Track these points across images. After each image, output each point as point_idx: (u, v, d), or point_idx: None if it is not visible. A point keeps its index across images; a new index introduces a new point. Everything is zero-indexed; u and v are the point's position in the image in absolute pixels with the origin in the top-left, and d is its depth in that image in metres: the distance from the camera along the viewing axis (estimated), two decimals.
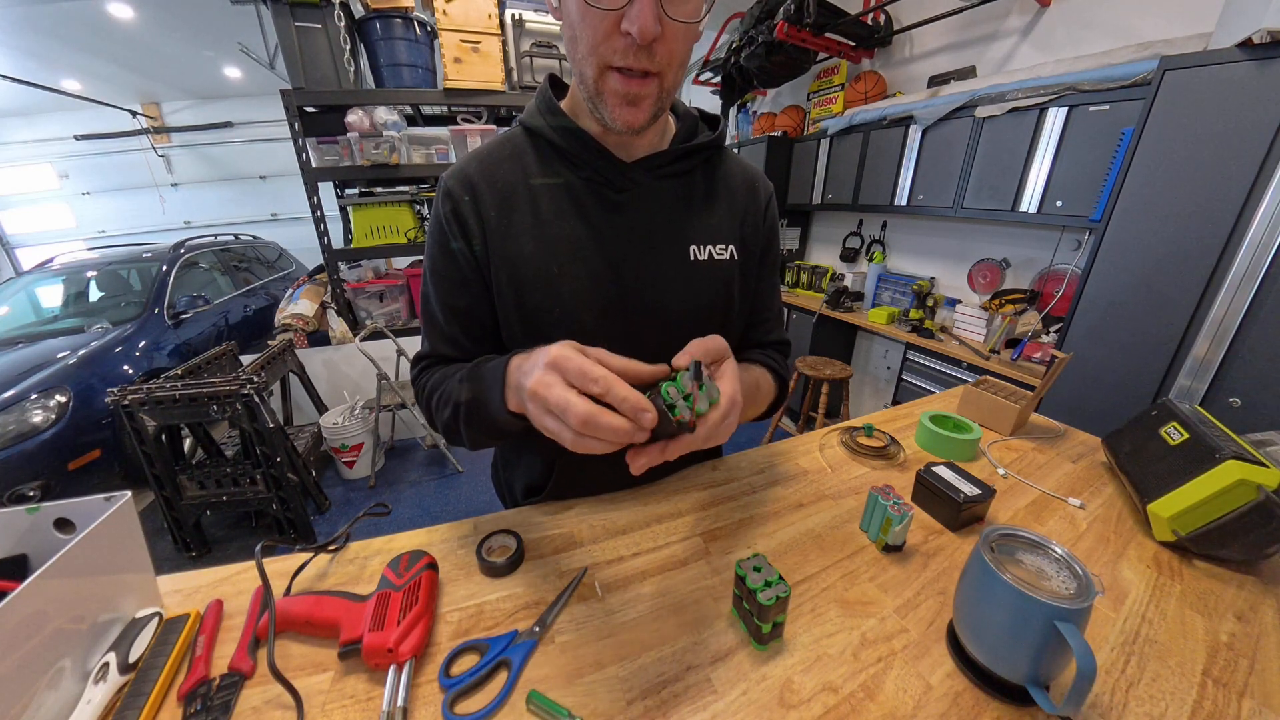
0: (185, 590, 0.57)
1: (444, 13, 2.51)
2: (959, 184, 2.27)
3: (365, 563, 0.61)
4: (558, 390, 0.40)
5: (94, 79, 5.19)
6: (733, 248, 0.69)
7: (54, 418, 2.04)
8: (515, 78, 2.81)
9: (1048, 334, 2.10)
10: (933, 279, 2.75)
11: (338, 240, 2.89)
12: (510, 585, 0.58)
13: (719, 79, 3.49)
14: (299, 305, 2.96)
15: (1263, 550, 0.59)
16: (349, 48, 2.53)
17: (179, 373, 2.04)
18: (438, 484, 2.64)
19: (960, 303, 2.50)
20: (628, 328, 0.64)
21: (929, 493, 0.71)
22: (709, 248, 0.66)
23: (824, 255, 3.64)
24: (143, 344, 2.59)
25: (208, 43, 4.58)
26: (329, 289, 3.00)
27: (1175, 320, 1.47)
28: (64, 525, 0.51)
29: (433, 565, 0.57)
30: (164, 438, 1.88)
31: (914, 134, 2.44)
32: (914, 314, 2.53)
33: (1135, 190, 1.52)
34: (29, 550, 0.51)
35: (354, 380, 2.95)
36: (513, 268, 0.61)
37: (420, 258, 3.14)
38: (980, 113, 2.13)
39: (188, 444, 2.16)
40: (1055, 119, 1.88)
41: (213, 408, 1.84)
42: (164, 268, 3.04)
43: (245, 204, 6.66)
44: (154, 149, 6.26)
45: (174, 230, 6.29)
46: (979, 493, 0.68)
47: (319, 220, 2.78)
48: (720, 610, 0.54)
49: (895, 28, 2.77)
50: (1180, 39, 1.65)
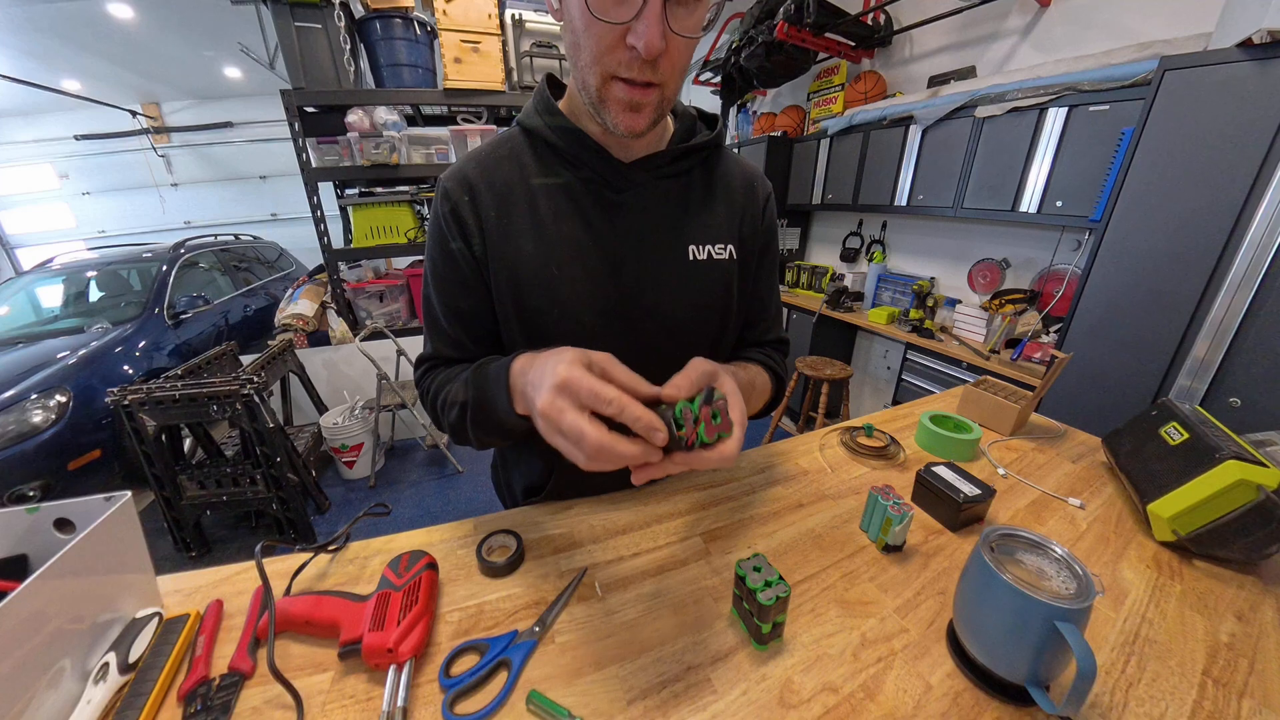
0: (185, 590, 0.57)
1: (444, 13, 2.51)
2: (959, 184, 2.27)
3: (365, 563, 0.61)
4: (570, 416, 0.39)
5: (94, 79, 5.19)
6: (731, 247, 0.69)
7: (54, 418, 2.04)
8: (515, 78, 2.81)
9: (1048, 334, 2.10)
10: (933, 279, 2.75)
11: (338, 240, 2.89)
12: (510, 585, 0.58)
13: (719, 79, 3.48)
14: (299, 305, 2.96)
15: (1263, 550, 0.59)
16: (349, 48, 2.53)
17: (179, 373, 2.04)
18: (438, 484, 2.64)
19: (960, 303, 2.50)
20: (627, 328, 0.64)
21: (929, 493, 0.71)
22: (708, 247, 0.66)
23: (824, 255, 3.64)
24: (143, 344, 2.59)
25: (208, 43, 4.59)
26: (329, 289, 3.00)
27: (1175, 320, 1.47)
28: (64, 525, 0.51)
29: (433, 565, 0.57)
30: (164, 438, 1.89)
31: (914, 134, 2.44)
32: (914, 314, 2.53)
33: (1135, 190, 1.52)
34: (29, 550, 0.51)
35: (354, 380, 2.95)
36: (512, 268, 0.61)
37: (420, 258, 3.14)
38: (980, 113, 2.13)
39: (188, 444, 2.16)
40: (1055, 119, 1.88)
41: (213, 408, 1.85)
42: (164, 268, 3.04)
43: (245, 204, 6.66)
44: (154, 149, 6.26)
45: (174, 230, 6.29)
46: (979, 493, 0.68)
47: (319, 220, 2.78)
48: (720, 610, 0.54)
49: (895, 28, 2.77)
50: (1180, 39, 1.65)
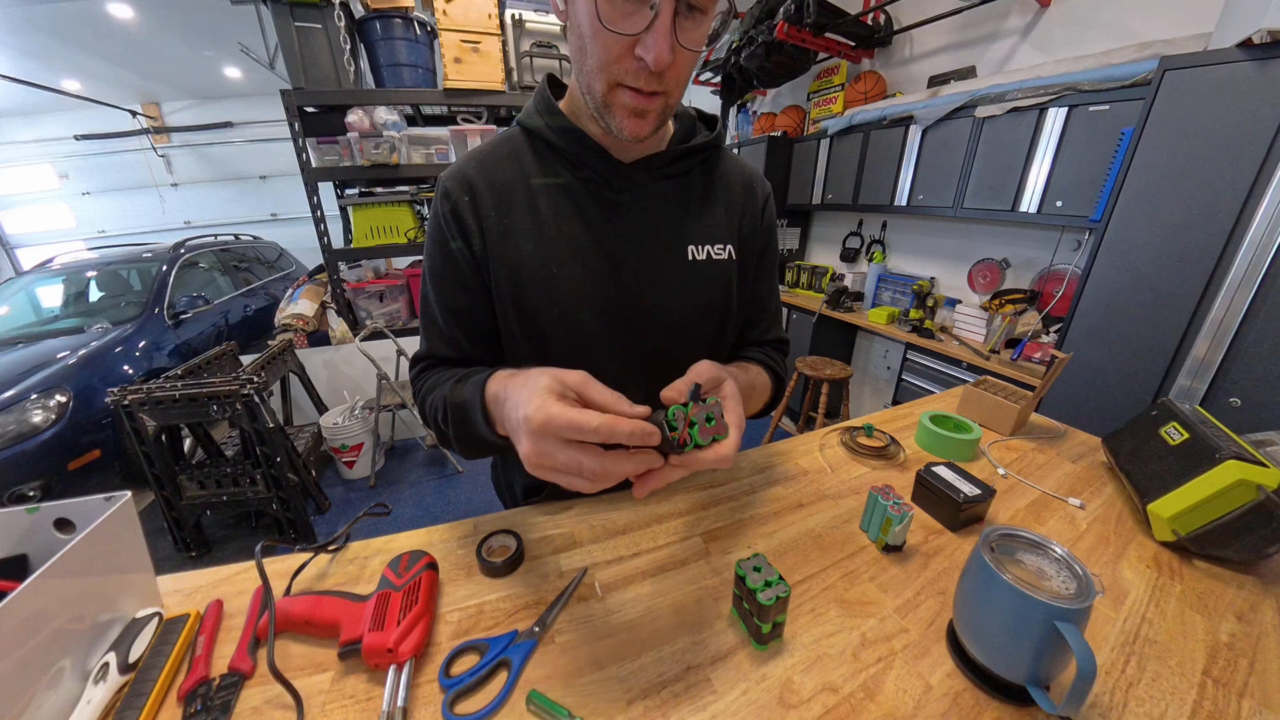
0: (185, 590, 0.57)
1: (444, 13, 2.51)
2: (959, 184, 2.27)
3: (365, 563, 0.61)
4: (561, 456, 0.38)
5: (94, 79, 5.18)
6: (731, 247, 0.69)
7: (54, 418, 2.04)
8: (515, 78, 2.81)
9: (1048, 334, 2.10)
10: (933, 279, 2.75)
11: (338, 240, 2.89)
12: (510, 585, 0.58)
13: (719, 79, 3.48)
14: (299, 305, 2.96)
15: (1263, 550, 0.59)
16: (349, 48, 2.53)
17: (179, 373, 2.04)
18: (438, 484, 2.64)
19: (960, 303, 2.50)
20: (626, 328, 0.64)
21: (929, 493, 0.71)
22: (707, 247, 0.66)
23: (824, 255, 3.64)
24: (143, 344, 2.59)
25: (208, 43, 4.58)
26: (329, 289, 3.00)
27: (1175, 320, 1.47)
28: (64, 525, 0.51)
29: (433, 565, 0.57)
30: (164, 438, 1.89)
31: (914, 134, 2.44)
32: (914, 314, 2.53)
33: (1135, 190, 1.52)
34: (29, 550, 0.51)
35: (354, 380, 2.95)
36: (511, 268, 0.61)
37: (420, 258, 3.13)
38: (980, 113, 2.12)
39: (188, 444, 2.16)
40: (1055, 119, 1.88)
41: (213, 408, 1.85)
42: (164, 268, 3.04)
43: (245, 204, 6.66)
44: (154, 149, 6.25)
45: (174, 230, 6.29)
46: (979, 493, 0.68)
47: (319, 220, 2.78)
48: (720, 610, 0.54)
49: (895, 28, 2.77)
50: (1180, 39, 1.65)
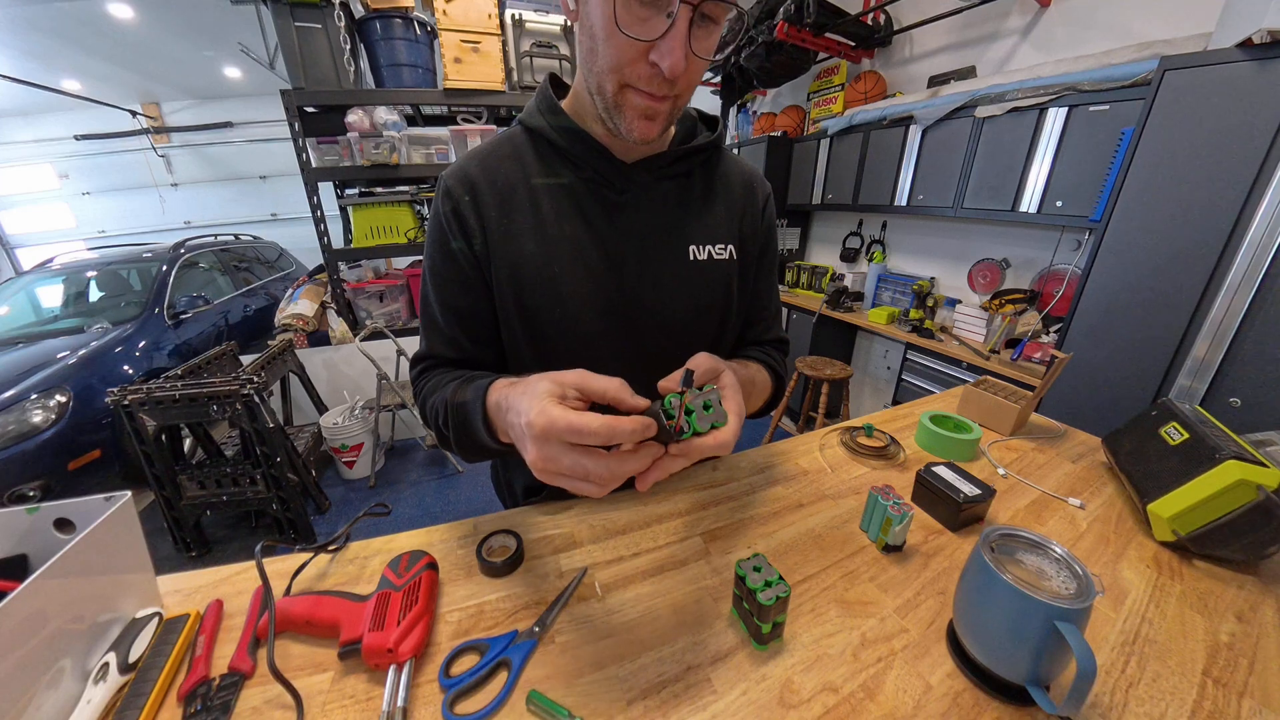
0: (185, 590, 0.57)
1: (444, 13, 2.51)
2: (959, 184, 2.27)
3: (365, 563, 0.61)
4: (567, 460, 0.38)
5: (94, 79, 5.18)
6: (731, 247, 0.69)
7: (54, 418, 2.03)
8: (515, 78, 2.81)
9: (1048, 334, 2.10)
10: (933, 279, 2.75)
11: (338, 240, 2.89)
12: (510, 585, 0.58)
13: (719, 79, 3.49)
14: (299, 305, 2.96)
15: (1263, 550, 0.59)
16: (349, 48, 2.53)
17: (179, 373, 2.04)
18: (438, 484, 2.64)
19: (960, 303, 2.50)
20: (628, 327, 0.64)
21: (929, 493, 0.71)
22: (708, 248, 0.66)
23: (824, 255, 3.64)
24: (143, 344, 2.59)
25: (208, 43, 4.58)
26: (329, 289, 3.00)
27: (1175, 320, 1.47)
28: (64, 525, 0.51)
29: (433, 565, 0.57)
30: (164, 438, 1.88)
31: (914, 134, 2.44)
32: (914, 314, 2.53)
33: (1135, 190, 1.52)
34: (29, 550, 0.51)
35: (354, 380, 2.95)
36: (513, 268, 0.61)
37: (420, 257, 3.13)
38: (980, 113, 2.12)
39: (188, 444, 2.17)
40: (1055, 119, 1.88)
41: (213, 408, 1.85)
42: (164, 268, 3.04)
43: (245, 204, 6.65)
44: (154, 149, 6.25)
45: (174, 230, 6.29)
46: (979, 493, 0.68)
47: (319, 220, 2.78)
48: (720, 610, 0.54)
49: (895, 28, 2.77)
50: (1180, 39, 1.65)
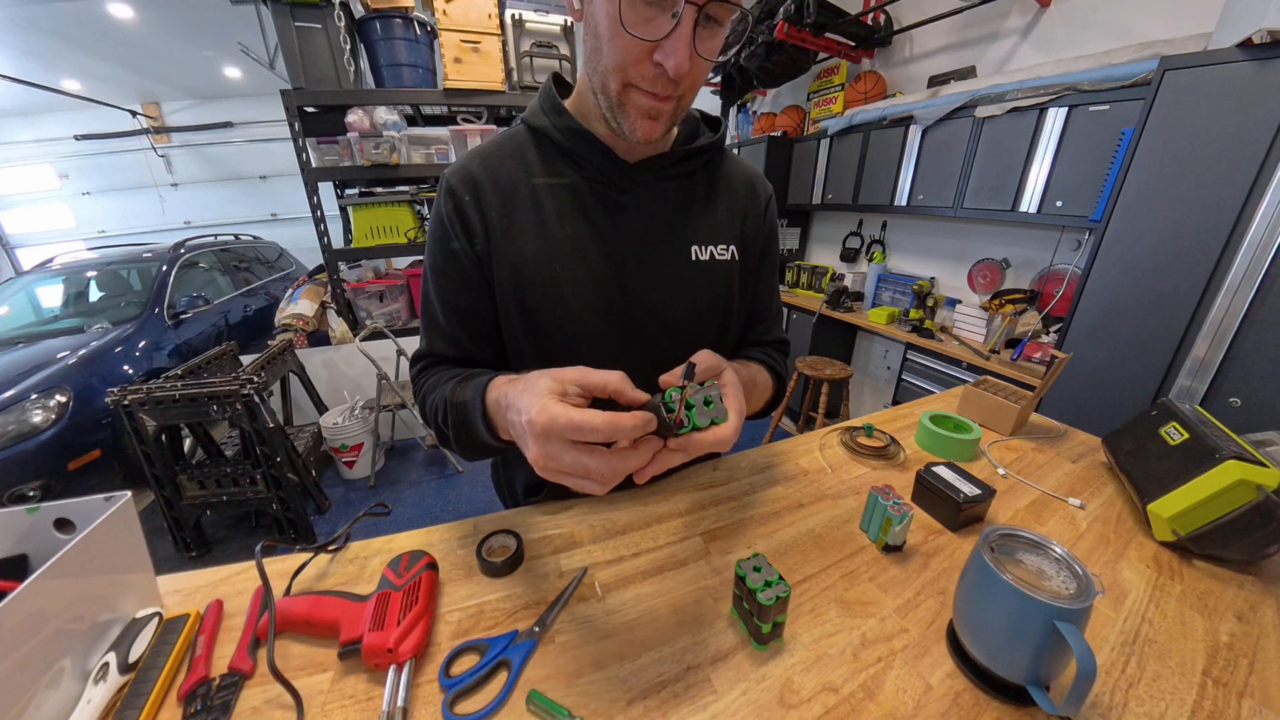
0: (185, 590, 0.57)
1: (444, 13, 2.51)
2: (959, 184, 2.27)
3: (365, 563, 0.61)
4: (568, 458, 0.39)
5: (94, 79, 5.18)
6: (733, 248, 0.69)
7: (54, 418, 2.03)
8: (515, 78, 2.81)
9: (1048, 334, 2.10)
10: (933, 279, 2.75)
11: (338, 240, 2.89)
12: (510, 585, 0.58)
13: (719, 79, 3.48)
14: (299, 305, 2.96)
15: (1263, 550, 0.59)
16: (349, 48, 2.53)
17: (179, 373, 2.04)
18: (438, 484, 2.64)
19: (960, 303, 2.50)
20: (629, 327, 0.64)
21: (929, 493, 0.71)
22: (710, 248, 0.67)
23: (824, 255, 3.64)
24: (143, 344, 2.59)
25: (208, 43, 4.58)
26: (329, 289, 3.00)
27: (1175, 320, 1.47)
28: (64, 525, 0.51)
29: (433, 565, 0.57)
30: (164, 438, 1.88)
31: (914, 134, 2.44)
32: (914, 314, 2.53)
33: (1135, 190, 1.52)
34: (29, 550, 0.51)
35: (354, 380, 2.95)
36: (515, 268, 0.61)
37: (420, 257, 3.14)
38: (980, 113, 2.12)
39: (188, 444, 2.16)
40: (1055, 119, 1.88)
41: (213, 408, 1.84)
42: (164, 268, 3.04)
43: (245, 204, 6.65)
44: (154, 149, 6.25)
45: (174, 230, 6.29)
46: (979, 493, 0.68)
47: (319, 220, 2.78)
48: (720, 610, 0.54)
49: (895, 28, 2.77)
50: (1180, 39, 1.65)
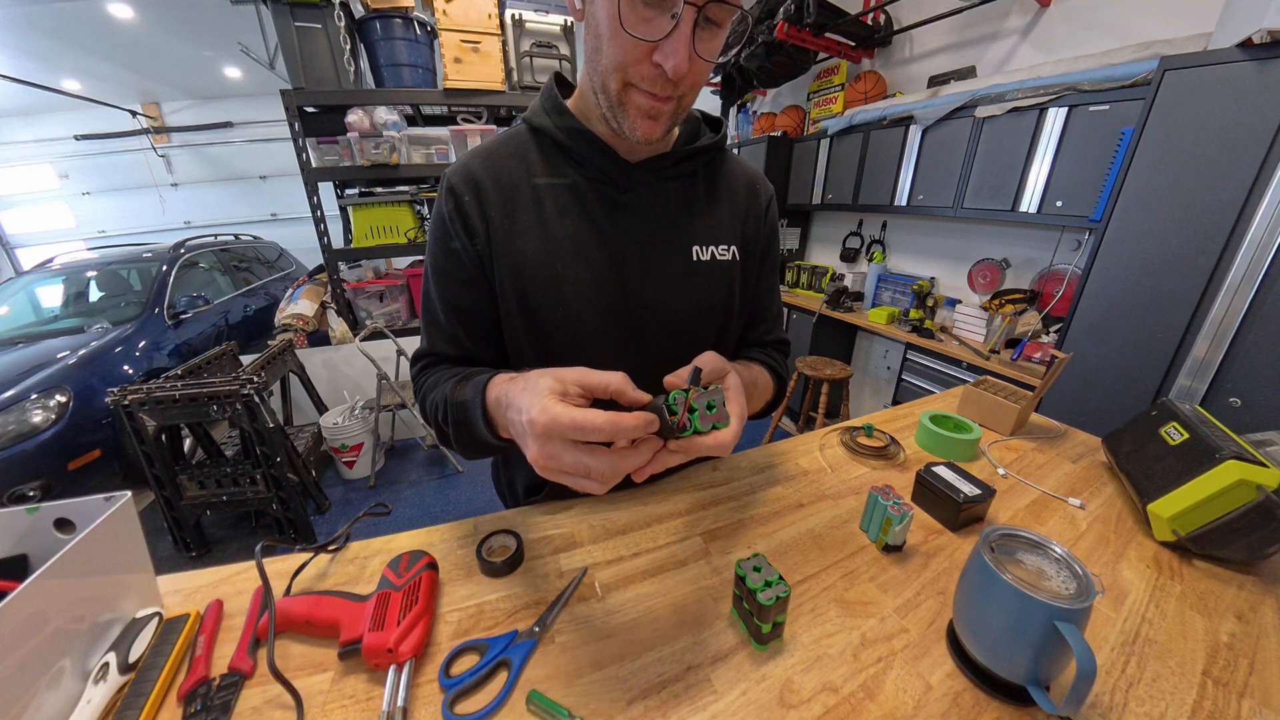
0: (185, 590, 0.57)
1: (444, 13, 2.51)
2: (959, 184, 2.27)
3: (365, 563, 0.61)
4: (569, 458, 0.39)
5: (94, 79, 5.18)
6: (734, 248, 0.69)
7: (54, 418, 2.03)
8: (515, 78, 2.81)
9: (1048, 334, 2.10)
10: (933, 279, 2.75)
11: (338, 240, 2.89)
12: (510, 585, 0.58)
13: (719, 79, 3.48)
14: (299, 305, 2.96)
15: (1263, 550, 0.59)
16: (349, 48, 2.53)
17: (179, 373, 2.04)
18: (438, 484, 2.64)
19: (960, 303, 2.50)
20: (629, 327, 0.64)
21: (929, 493, 0.71)
22: (711, 248, 0.67)
23: (824, 255, 3.64)
24: (143, 344, 2.59)
25: (208, 43, 4.58)
26: (329, 289, 3.00)
27: (1175, 320, 1.47)
28: (64, 525, 0.51)
29: (433, 565, 0.57)
30: (164, 438, 1.88)
31: (914, 134, 2.44)
32: (914, 314, 2.53)
33: (1135, 190, 1.52)
34: (29, 550, 0.51)
35: (354, 380, 2.95)
36: (515, 268, 0.61)
37: (420, 257, 3.13)
38: (980, 113, 2.12)
39: (188, 444, 2.16)
40: (1055, 119, 1.88)
41: (213, 408, 1.84)
42: (164, 268, 3.04)
43: (245, 204, 6.65)
44: (154, 149, 6.25)
45: (174, 230, 6.28)
46: (979, 493, 0.68)
47: (319, 220, 2.78)
48: (720, 610, 0.54)
49: (895, 28, 2.77)
50: (1180, 39, 1.65)
